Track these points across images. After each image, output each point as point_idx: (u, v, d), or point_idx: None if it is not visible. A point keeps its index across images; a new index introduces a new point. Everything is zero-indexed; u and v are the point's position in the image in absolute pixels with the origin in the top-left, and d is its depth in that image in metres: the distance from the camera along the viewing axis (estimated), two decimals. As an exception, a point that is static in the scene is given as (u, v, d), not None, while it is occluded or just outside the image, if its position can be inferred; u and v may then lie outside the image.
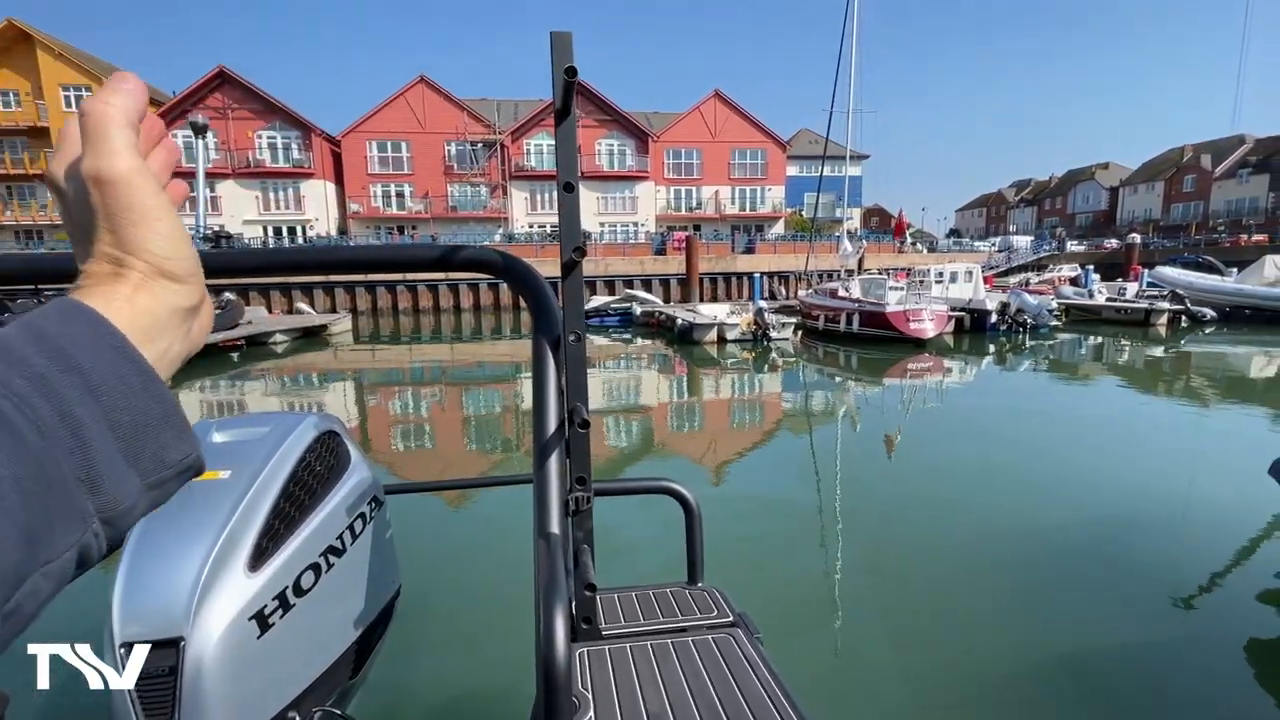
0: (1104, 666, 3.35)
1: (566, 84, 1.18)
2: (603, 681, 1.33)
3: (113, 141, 0.34)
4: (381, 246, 1.89)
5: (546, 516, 1.05)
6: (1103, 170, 66.02)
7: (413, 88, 36.42)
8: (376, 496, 1.70)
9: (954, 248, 43.41)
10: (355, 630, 1.53)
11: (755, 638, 1.50)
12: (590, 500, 1.44)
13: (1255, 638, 3.62)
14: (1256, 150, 52.03)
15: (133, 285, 0.34)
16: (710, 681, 1.32)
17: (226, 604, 1.18)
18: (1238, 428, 8.97)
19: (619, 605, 1.68)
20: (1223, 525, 5.18)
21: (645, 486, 1.83)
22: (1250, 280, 20.73)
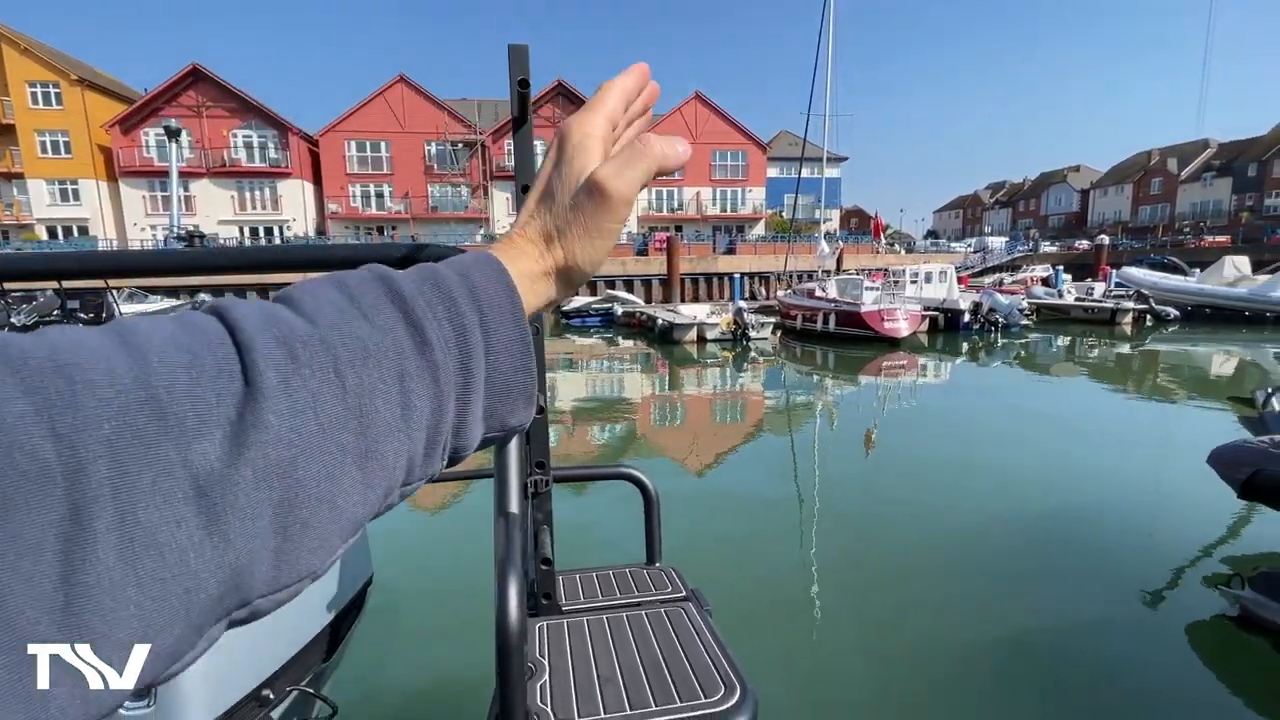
0: (1058, 648, 3.53)
1: (520, 95, 1.30)
2: (560, 651, 1.42)
3: (640, 175, 0.37)
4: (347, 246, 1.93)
5: (506, 497, 1.15)
6: (1074, 173, 67.53)
7: (392, 87, 36.16)
8: None
9: (931, 248, 44.11)
10: (328, 614, 1.61)
11: (705, 610, 1.59)
12: (549, 484, 1.55)
13: (1197, 615, 3.83)
14: (1220, 154, 53.67)
15: (543, 272, 0.37)
16: (659, 648, 1.41)
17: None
18: (1191, 422, 9.34)
19: (579, 584, 1.78)
20: (1173, 513, 5.44)
21: (605, 473, 1.93)
22: (1211, 280, 21.44)
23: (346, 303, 0.29)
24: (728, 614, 1.65)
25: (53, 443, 0.21)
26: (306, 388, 0.26)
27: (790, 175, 42.41)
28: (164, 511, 0.22)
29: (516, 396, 0.34)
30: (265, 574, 0.26)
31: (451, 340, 0.31)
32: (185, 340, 0.25)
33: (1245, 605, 3.53)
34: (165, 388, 0.23)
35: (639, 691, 1.26)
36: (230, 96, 34.19)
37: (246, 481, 0.24)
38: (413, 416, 0.29)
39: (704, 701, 1.21)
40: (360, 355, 0.28)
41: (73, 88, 32.52)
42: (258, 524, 0.24)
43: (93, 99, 33.21)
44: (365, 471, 0.28)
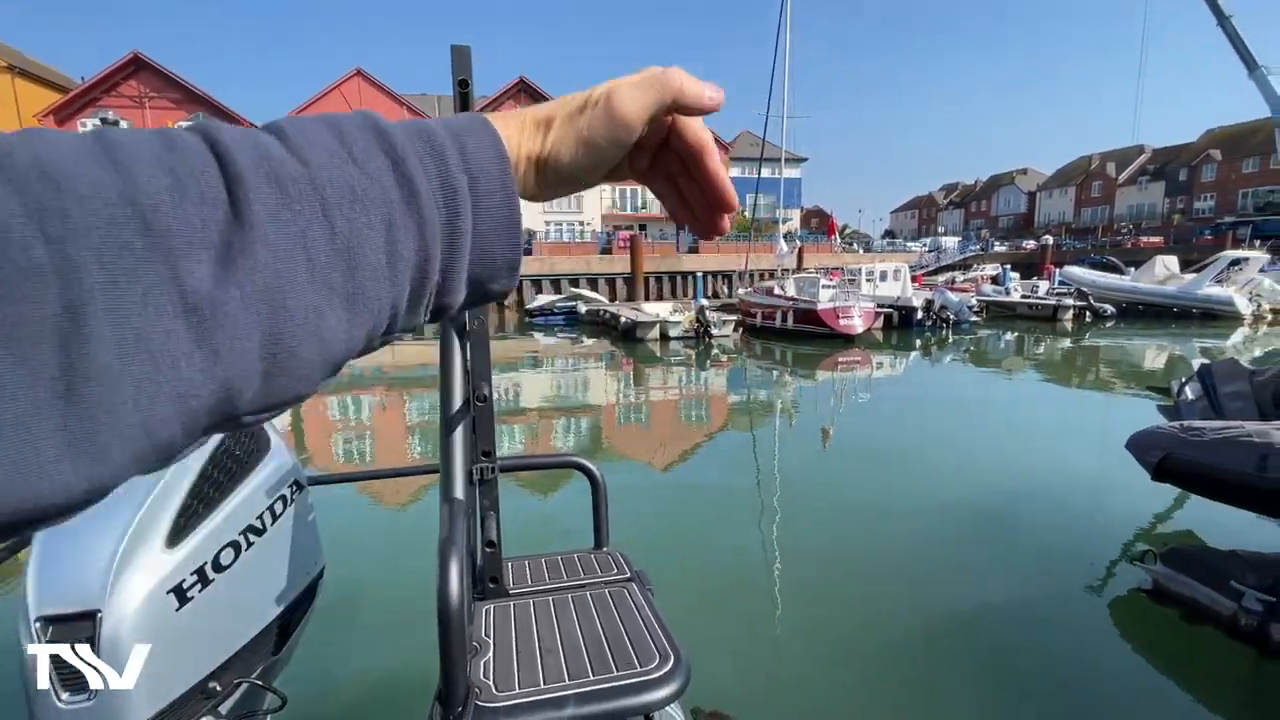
0: (995, 625, 3.76)
1: (461, 95, 1.37)
2: (505, 631, 1.46)
3: (652, 99, 0.37)
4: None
5: (451, 483, 1.21)
6: (1022, 175, 70.25)
7: (348, 81, 35.25)
8: (298, 480, 1.80)
9: (888, 248, 45.34)
10: (277, 606, 1.59)
11: (648, 590, 1.66)
12: (495, 471, 1.62)
13: (1118, 589, 4.12)
14: (1154, 159, 56.61)
15: (527, 154, 0.37)
16: (600, 624, 1.46)
17: (144, 578, 1.21)
18: (1121, 411, 9.92)
19: (528, 569, 1.82)
20: (1100, 497, 5.80)
21: (553, 461, 2.00)
22: (1143, 279, 22.65)
23: (338, 146, 0.30)
24: (675, 599, 1.74)
25: (43, 245, 0.21)
26: (295, 224, 0.27)
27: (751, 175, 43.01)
28: (155, 322, 0.23)
29: (501, 262, 0.35)
30: (254, 393, 0.27)
31: (440, 197, 0.31)
32: (171, 163, 0.25)
33: (1157, 579, 3.82)
34: (151, 206, 0.24)
35: (578, 663, 1.31)
36: (174, 87, 32.80)
37: (235, 302, 0.25)
38: (399, 265, 0.30)
39: (639, 670, 1.27)
40: (349, 199, 0.29)
41: (1, 75, 30.72)
42: (247, 344, 0.25)
43: (24, 87, 31.42)
44: (351, 312, 0.29)
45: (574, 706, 1.17)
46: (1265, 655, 3.11)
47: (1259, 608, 3.14)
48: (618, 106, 0.37)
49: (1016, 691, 3.17)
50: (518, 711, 1.16)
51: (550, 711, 1.16)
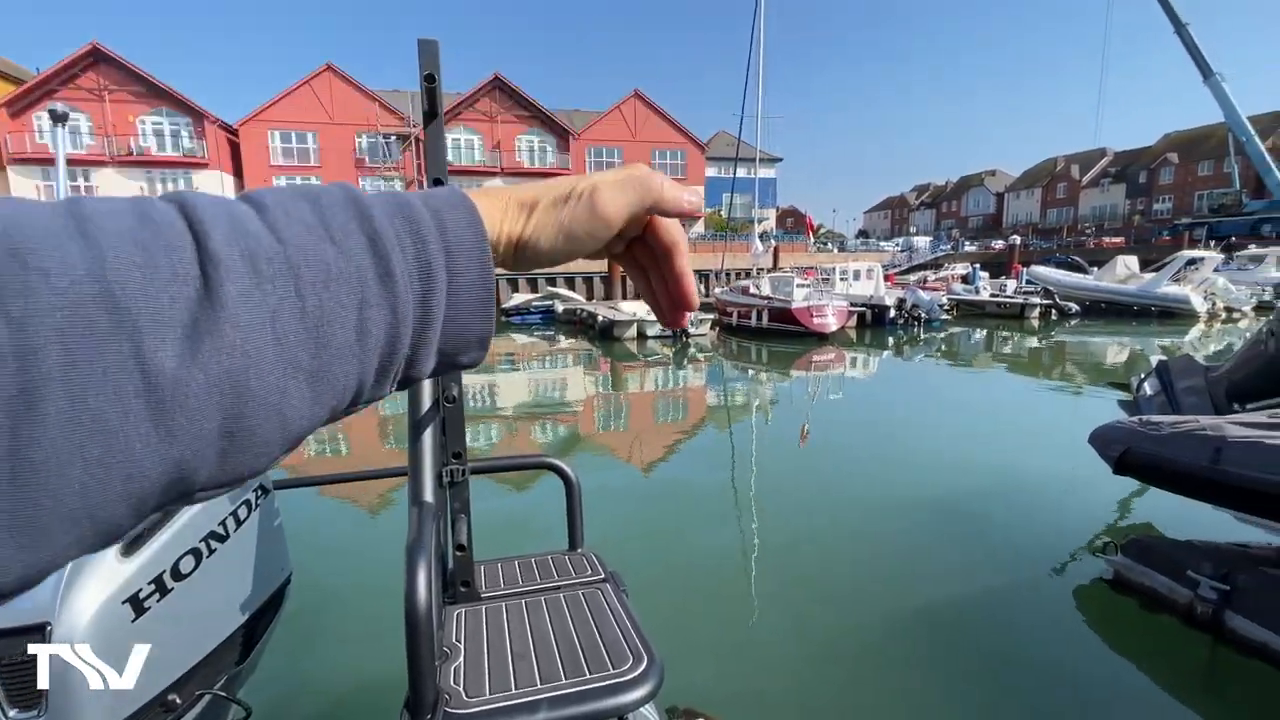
0: (963, 614, 3.84)
1: (428, 90, 1.34)
2: (476, 636, 1.43)
3: (632, 200, 0.38)
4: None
5: (420, 486, 1.18)
6: (991, 176, 71.84)
7: (319, 75, 34.54)
8: (263, 485, 1.75)
9: (862, 247, 45.97)
10: (241, 615, 1.55)
11: (621, 591, 1.65)
12: (466, 474, 1.59)
13: (1081, 580, 4.23)
14: (1116, 162, 58.37)
15: (507, 235, 0.38)
16: (573, 627, 1.45)
17: (96, 588, 1.17)
18: (1084, 406, 10.21)
19: (501, 572, 1.80)
20: (1065, 490, 5.95)
21: (525, 463, 1.97)
22: (1106, 278, 23.35)
23: (317, 222, 0.29)
24: (651, 598, 1.73)
25: (4, 324, 0.21)
26: (266, 304, 0.26)
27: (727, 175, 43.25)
28: (113, 402, 0.23)
29: (472, 338, 0.35)
30: (208, 471, 0.26)
31: (415, 275, 0.31)
32: (144, 237, 0.24)
33: (1118, 570, 3.93)
34: (119, 283, 0.23)
35: (551, 667, 1.29)
36: (136, 79, 31.78)
37: (198, 384, 0.24)
38: (368, 343, 0.30)
39: (612, 672, 1.26)
40: (323, 279, 0.28)
41: (-50, 65, 29.44)
42: (205, 426, 0.25)
43: (-26, 78, 30.18)
44: (315, 390, 0.28)
45: (546, 711, 1.16)
46: (1220, 642, 3.22)
47: (1214, 596, 3.25)
48: (600, 205, 0.38)
49: (983, 682, 3.23)
50: (488, 717, 1.14)
51: (522, 716, 1.15)
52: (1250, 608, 3.13)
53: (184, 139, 33.02)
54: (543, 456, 1.93)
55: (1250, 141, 36.89)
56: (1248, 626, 3.11)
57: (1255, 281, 23.72)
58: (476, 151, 37.72)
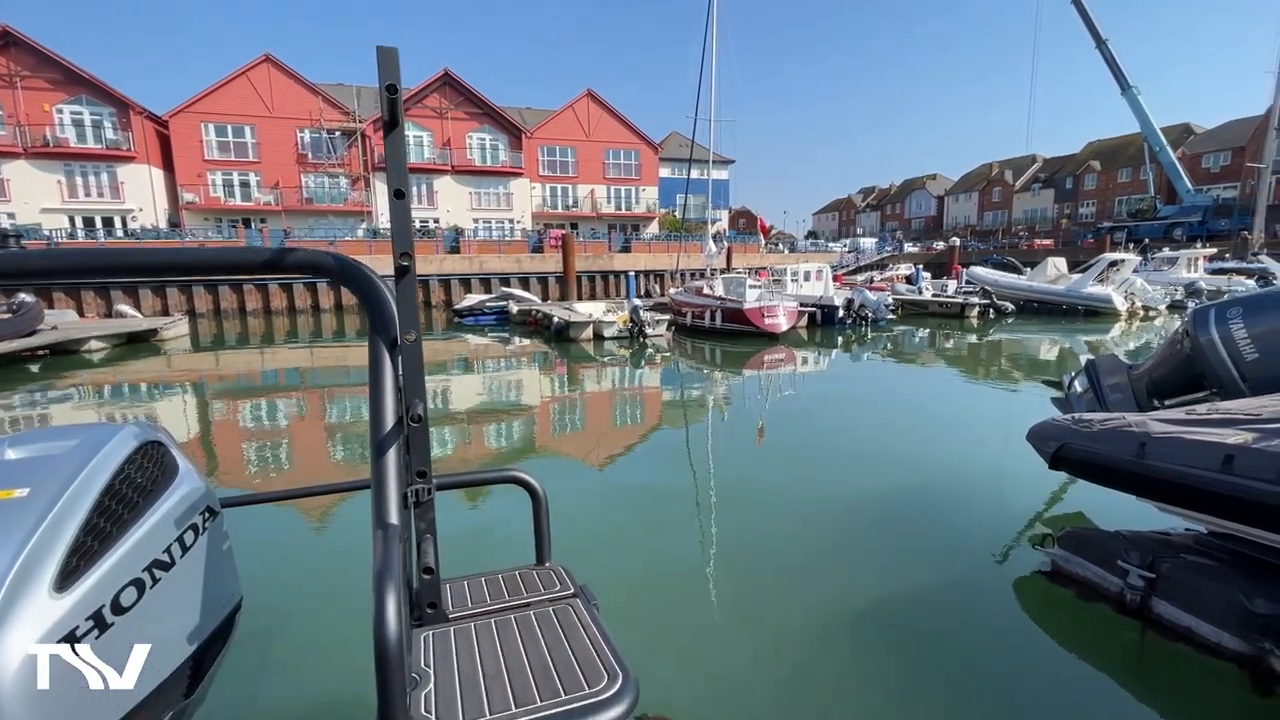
0: (907, 607, 3.99)
1: (390, 100, 1.30)
2: (446, 659, 1.40)
3: None
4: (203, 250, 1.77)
5: (385, 508, 1.13)
6: (931, 180, 74.80)
7: (256, 67, 33.02)
8: (210, 507, 1.65)
9: (811, 248, 47.10)
10: (189, 646, 1.46)
11: (593, 605, 1.64)
12: (431, 492, 1.55)
13: (1020, 572, 4.44)
14: (1045, 168, 61.70)
15: None
16: (545, 645, 1.43)
17: (28, 628, 1.10)
18: (1021, 401, 10.75)
19: (468, 590, 1.76)
20: (1004, 485, 6.23)
21: (492, 478, 1.94)
22: (1037, 279, 24.65)
23: None
24: (618, 605, 1.74)
25: None
26: None
27: (680, 176, 43.53)
28: None
29: None
30: None
31: None
32: None
33: (1055, 561, 4.16)
34: None
35: (525, 689, 1.28)
36: (52, 65, 29.66)
37: None
38: None
39: (587, 692, 1.25)
40: None
41: None
42: None
43: None
44: None
45: None
46: (1148, 627, 3.45)
47: (1141, 584, 3.48)
48: None
49: (929, 674, 3.36)
50: None
51: None
52: (1175, 594, 3.36)
53: (107, 130, 31.01)
54: (509, 470, 1.89)
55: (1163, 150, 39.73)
56: (1173, 612, 3.34)
57: (1169, 282, 25.53)
58: (426, 149, 36.83)
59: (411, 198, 1.29)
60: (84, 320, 19.48)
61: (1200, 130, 50.27)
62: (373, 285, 1.27)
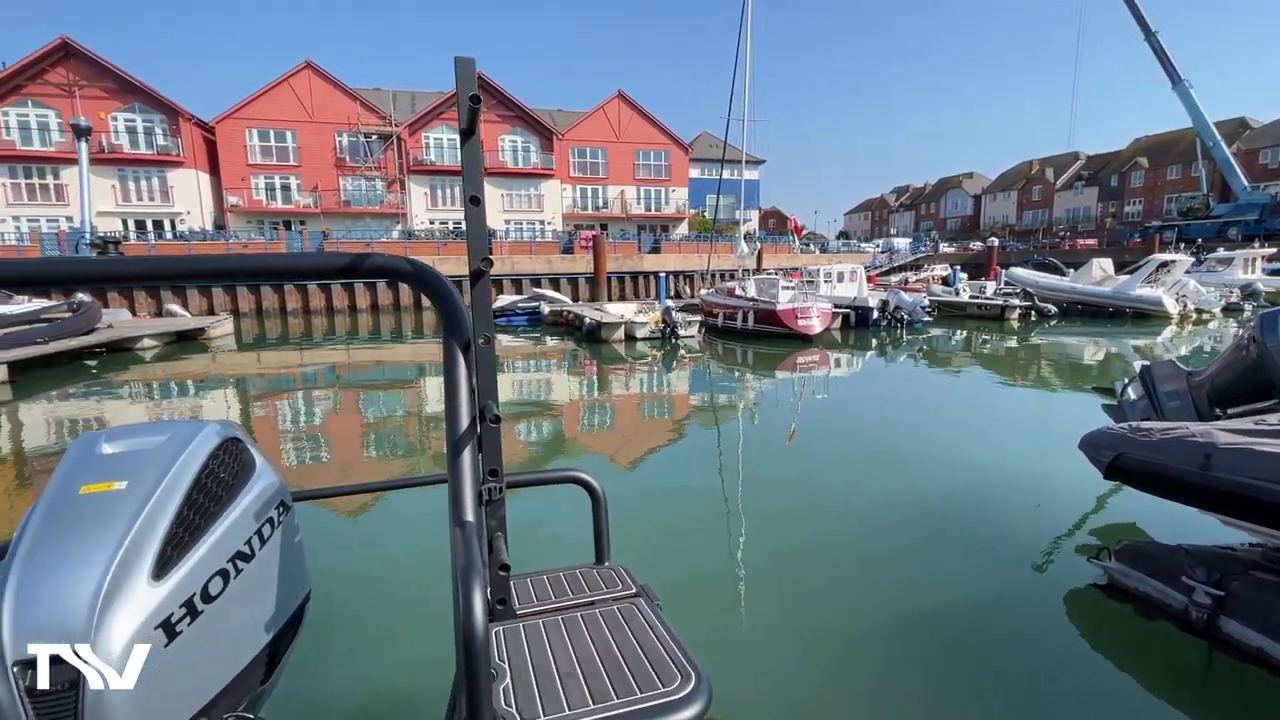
0: (956, 617, 3.90)
1: (471, 109, 1.32)
2: (518, 654, 1.44)
3: None
4: (285, 255, 1.84)
5: (461, 506, 1.16)
6: (968, 179, 73.05)
7: (298, 73, 34.00)
8: (284, 501, 1.72)
9: (843, 248, 46.46)
10: (266, 635, 1.52)
11: (655, 604, 1.66)
12: (502, 491, 1.58)
13: (1073, 584, 4.30)
14: (1088, 165, 59.72)
15: None
16: (615, 644, 1.46)
17: (130, 613, 1.16)
18: (1068, 407, 10.42)
19: (531, 587, 1.80)
20: (1053, 494, 6.04)
21: (554, 477, 1.96)
22: (1082, 280, 23.85)
23: None
24: (669, 604, 1.75)
25: None
26: None
27: (711, 176, 43.37)
28: None
29: None
30: None
31: None
32: None
33: (1112, 575, 4.02)
34: None
35: (599, 685, 1.30)
36: (108, 75, 31.00)
37: None
38: None
39: (662, 691, 1.27)
40: None
41: (-91, 58, 28.43)
42: None
43: (-64, 72, 29.18)
44: None
45: None
46: (1215, 647, 3.30)
47: (1208, 601, 3.33)
48: None
49: (979, 689, 3.28)
50: None
51: None
52: (1245, 613, 3.21)
53: (158, 136, 32.27)
54: (569, 470, 1.93)
55: (1217, 146, 38.05)
56: (1243, 631, 3.19)
57: (1224, 283, 24.42)
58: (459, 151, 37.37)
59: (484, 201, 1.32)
60: (136, 319, 20.28)
61: (1257, 125, 48.06)
62: (446, 289, 1.30)
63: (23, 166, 30.41)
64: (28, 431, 9.41)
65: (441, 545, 1.13)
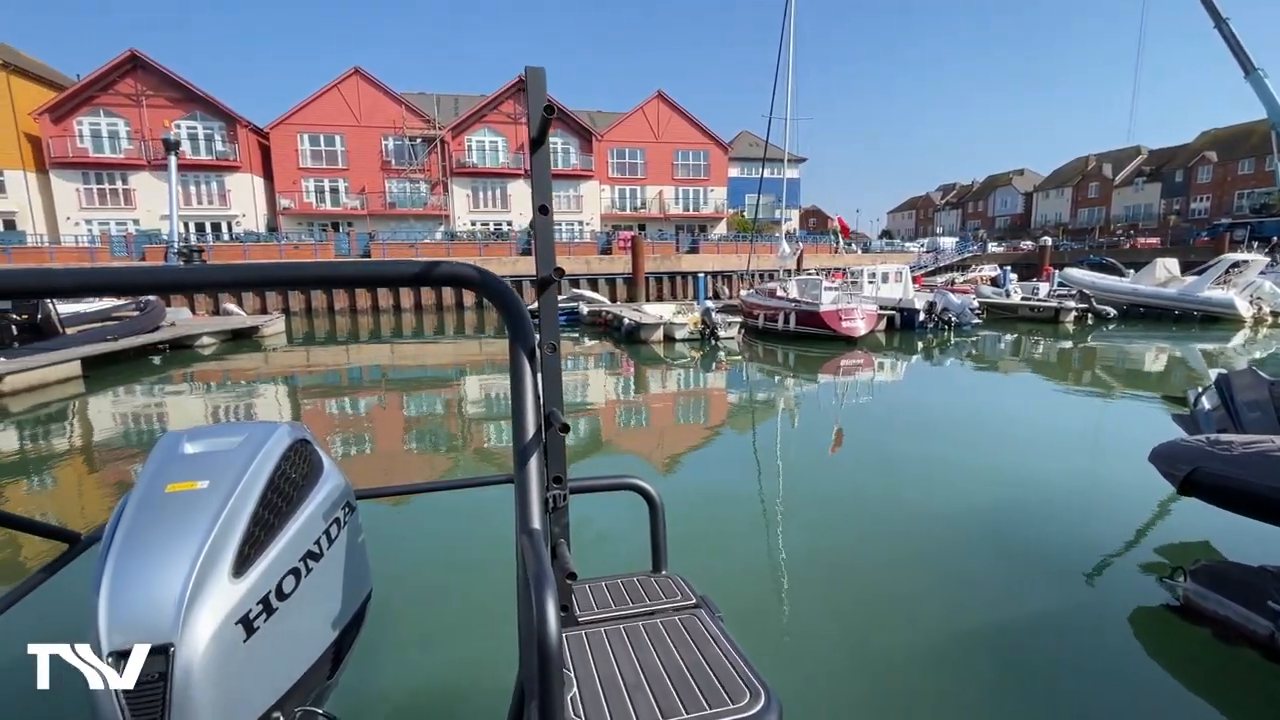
0: (1014, 635, 3.74)
1: (544, 119, 1.32)
2: (583, 662, 1.45)
3: None
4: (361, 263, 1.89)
5: (528, 513, 1.15)
6: (1018, 176, 70.43)
7: (346, 79, 35.07)
8: (349, 502, 1.77)
9: (886, 248, 45.38)
10: (333, 632, 1.57)
11: (717, 616, 1.65)
12: (567, 498, 1.57)
13: (1141, 604, 4.08)
14: (1150, 160, 56.81)
15: None
16: (679, 656, 1.45)
17: (214, 610, 1.20)
18: (1131, 416, 9.92)
19: (590, 594, 1.80)
20: (1117, 507, 5.76)
21: (613, 484, 1.95)
22: (1144, 281, 22.71)
23: None
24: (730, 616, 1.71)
25: None
26: None
27: (750, 175, 42.95)
28: None
29: None
30: None
31: None
32: None
33: (1187, 596, 3.79)
34: None
35: (667, 700, 1.29)
36: (172, 85, 32.57)
37: None
38: None
39: (732, 707, 1.25)
40: None
41: (-4, 72, 30.44)
42: None
43: (19, 85, 31.11)
44: None
45: None
46: (1308, 678, 3.08)
47: (1298, 629, 3.11)
48: None
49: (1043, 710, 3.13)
50: None
51: None
52: (1341, 643, 2.98)
53: (217, 142, 33.74)
54: (627, 478, 1.93)
55: (1295, 139, 35.73)
56: (1339, 663, 2.96)
57: (1302, 285, 22.89)
58: (501, 154, 37.99)
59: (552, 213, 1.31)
60: (196, 318, 21.24)
61: (1340, 115, 44.93)
62: (512, 297, 1.30)
63: (94, 173, 32.18)
64: (101, 424, 9.94)
65: (494, 545, 1.13)
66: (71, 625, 1.23)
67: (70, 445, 8.68)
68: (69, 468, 7.72)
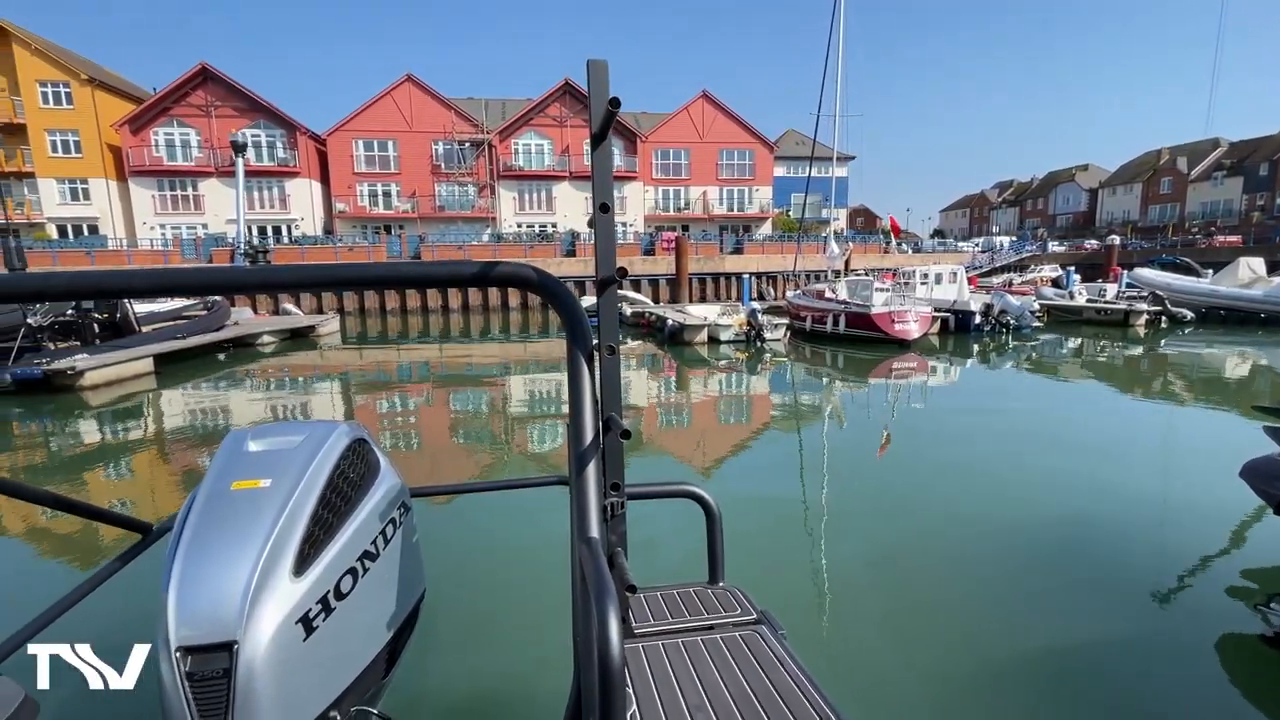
0: (1087, 659, 3.49)
1: (608, 114, 1.27)
2: (640, 677, 1.40)
3: None
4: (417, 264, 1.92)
5: (586, 521, 1.10)
6: (1082, 172, 67.03)
7: (399, 86, 36.16)
8: (405, 502, 1.76)
9: (939, 248, 43.90)
10: (388, 631, 1.58)
11: (780, 634, 1.58)
12: (624, 505, 1.52)
13: (1228, 633, 3.77)
14: (1230, 153, 53.16)
15: None
16: (743, 676, 1.39)
17: (275, 608, 1.22)
18: (1212, 428, 9.25)
19: (645, 604, 1.76)
20: (1197, 525, 5.36)
21: (671, 491, 1.90)
22: (1225, 282, 21.22)
23: None
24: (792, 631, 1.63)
25: None
26: None
27: (796, 174, 42.26)
28: None
29: None
30: None
31: None
32: None
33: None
34: None
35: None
36: (238, 96, 34.27)
37: None
38: None
39: None
40: None
41: (83, 87, 32.64)
42: None
43: (102, 98, 33.33)
44: None
45: None
46: None
47: None
48: None
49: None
50: None
51: None
52: None
53: (279, 149, 35.31)
54: (685, 485, 1.87)
55: (1399, 127, 32.76)
56: None
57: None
58: (546, 156, 38.48)
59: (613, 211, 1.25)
60: (258, 317, 22.24)
61: None
62: (570, 299, 1.25)
63: (168, 180, 34.14)
64: (171, 417, 10.49)
65: (544, 545, 1.08)
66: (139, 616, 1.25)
67: (144, 437, 9.18)
68: (143, 458, 8.16)
